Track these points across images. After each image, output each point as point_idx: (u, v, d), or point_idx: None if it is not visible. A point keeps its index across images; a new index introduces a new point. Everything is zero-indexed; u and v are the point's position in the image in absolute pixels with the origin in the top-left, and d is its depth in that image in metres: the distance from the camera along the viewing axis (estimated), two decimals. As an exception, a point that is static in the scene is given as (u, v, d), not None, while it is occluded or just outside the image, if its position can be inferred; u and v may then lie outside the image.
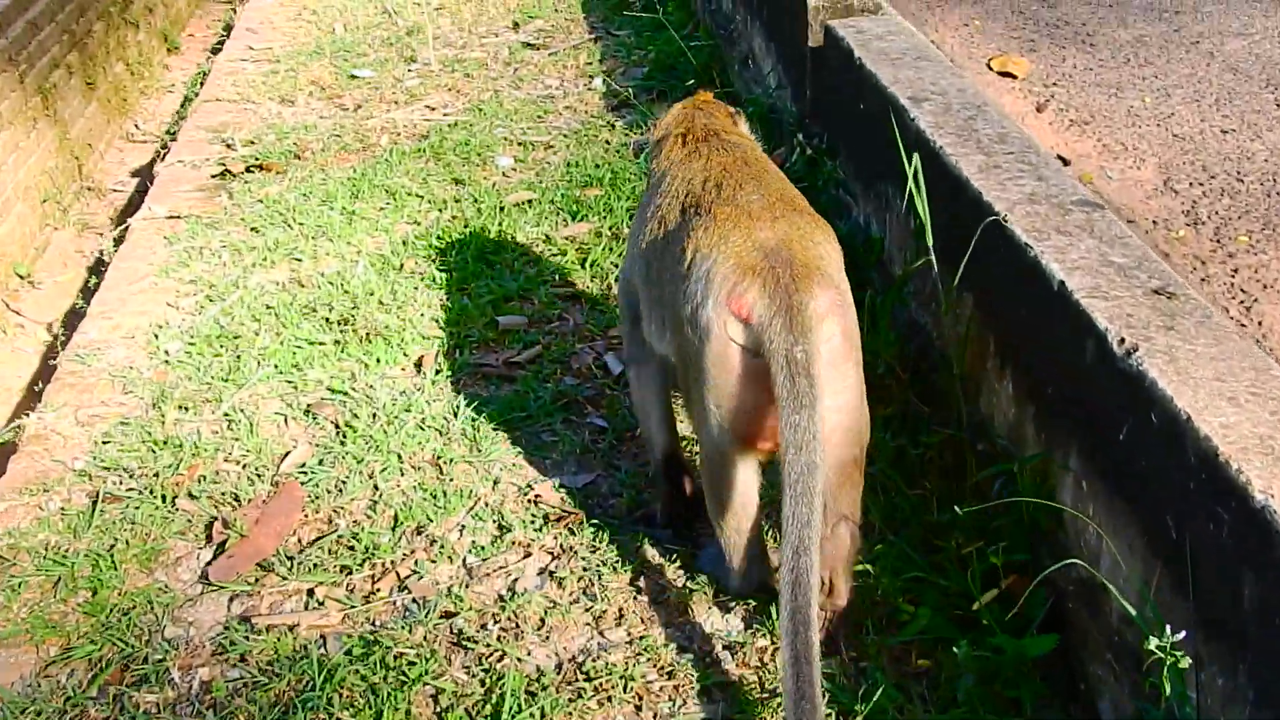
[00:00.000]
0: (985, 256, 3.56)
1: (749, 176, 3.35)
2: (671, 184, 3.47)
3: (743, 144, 3.64)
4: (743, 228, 3.09)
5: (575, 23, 8.65)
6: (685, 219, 3.25)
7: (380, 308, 5.13)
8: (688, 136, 3.68)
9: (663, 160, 3.67)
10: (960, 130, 4.08)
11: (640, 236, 3.51)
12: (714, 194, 3.26)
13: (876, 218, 4.60)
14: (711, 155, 3.51)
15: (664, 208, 3.41)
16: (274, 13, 9.50)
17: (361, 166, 6.50)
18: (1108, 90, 5.70)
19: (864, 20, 5.18)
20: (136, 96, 8.58)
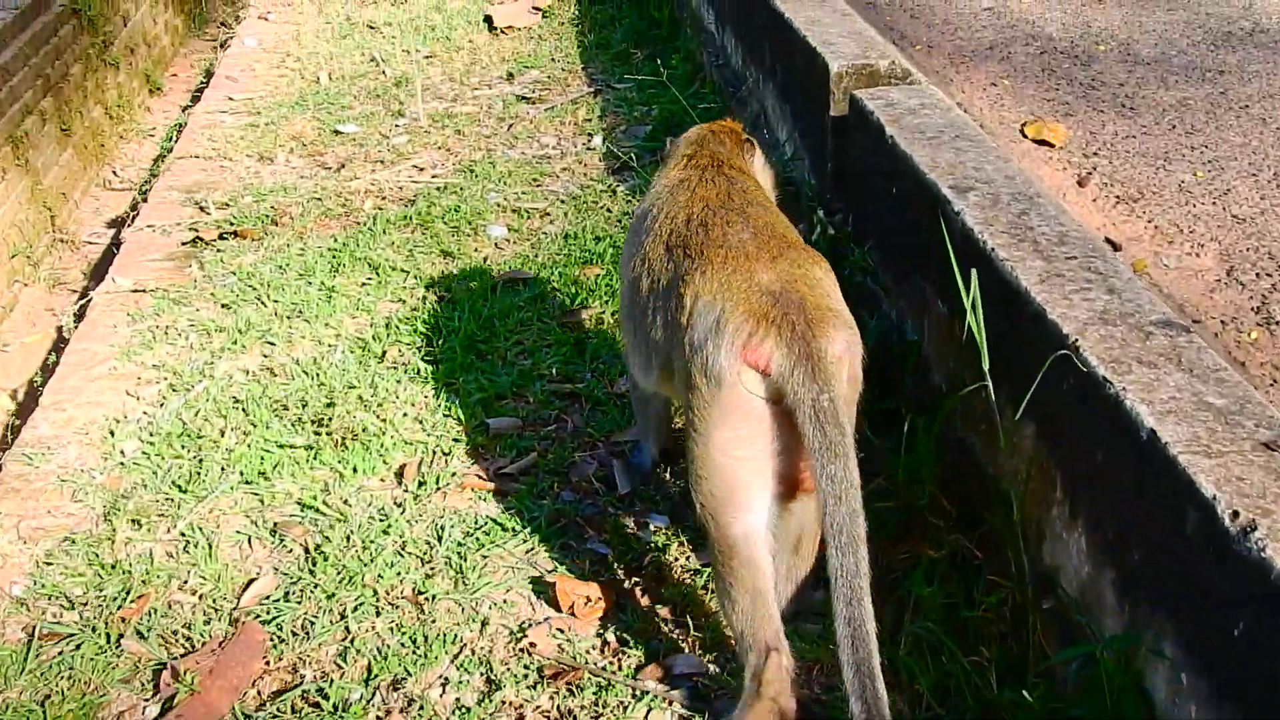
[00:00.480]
0: (1052, 383, 3.06)
1: (735, 211, 3.30)
2: (659, 215, 3.45)
3: (741, 178, 3.58)
4: (743, 271, 3.03)
5: (573, 74, 8.17)
6: (674, 260, 3.23)
7: (359, 404, 4.63)
8: (691, 161, 3.67)
9: (661, 180, 3.71)
10: (1013, 228, 3.59)
11: (629, 265, 3.52)
12: (702, 235, 3.22)
13: (912, 317, 4.11)
14: (701, 187, 3.49)
15: (650, 244, 3.39)
16: (256, 59, 9.02)
17: (343, 235, 6.01)
18: (1154, 162, 5.22)
19: (893, 91, 4.69)
20: (115, 141, 8.10)
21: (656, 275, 3.27)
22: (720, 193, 3.42)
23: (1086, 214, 4.98)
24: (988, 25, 7.10)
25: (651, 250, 3.35)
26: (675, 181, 3.58)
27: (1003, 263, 3.42)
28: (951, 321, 3.76)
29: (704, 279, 3.05)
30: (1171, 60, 6.47)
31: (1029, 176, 3.99)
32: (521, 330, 5.04)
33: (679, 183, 3.55)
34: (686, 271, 3.11)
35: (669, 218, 3.38)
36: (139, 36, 9.04)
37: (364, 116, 7.67)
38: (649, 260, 3.34)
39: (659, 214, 3.45)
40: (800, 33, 5.36)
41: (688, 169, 3.63)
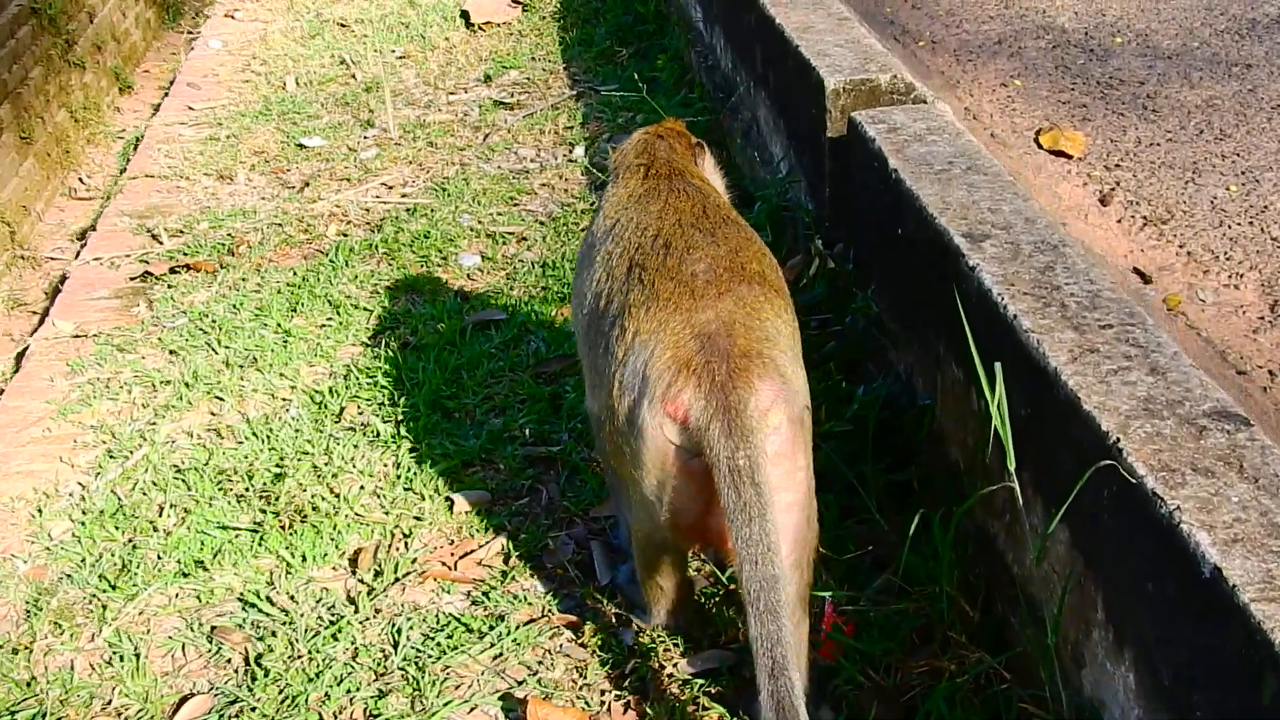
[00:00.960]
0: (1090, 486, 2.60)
1: (702, 233, 3.09)
2: (623, 232, 3.22)
3: (703, 189, 3.36)
4: (683, 310, 2.86)
5: (554, 75, 7.67)
6: (629, 283, 3.02)
7: (312, 474, 4.18)
8: (649, 172, 3.45)
9: (619, 192, 3.44)
10: (1038, 287, 3.13)
11: (583, 278, 3.31)
12: (660, 259, 3.01)
13: (922, 375, 3.65)
14: (668, 201, 3.26)
15: (609, 261, 3.17)
16: (221, 63, 8.53)
17: (303, 268, 5.54)
18: (1182, 174, 4.74)
19: (896, 112, 4.21)
20: (81, 147, 7.59)
21: (614, 295, 3.06)
22: (696, 205, 3.22)
23: (1111, 238, 4.51)
24: (995, 16, 6.61)
25: (616, 265, 3.12)
26: (641, 193, 3.35)
27: (1027, 335, 2.95)
28: (968, 390, 3.30)
29: (646, 315, 2.89)
30: (1194, 53, 5.98)
31: (1051, 220, 3.52)
32: (492, 383, 4.57)
33: (646, 194, 3.33)
34: (634, 302, 2.94)
35: (635, 233, 3.17)
36: (107, 32, 8.53)
37: (331, 128, 7.18)
38: (613, 277, 3.11)
39: (626, 225, 3.23)
40: (792, 42, 4.88)
41: (651, 179, 3.40)
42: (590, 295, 3.20)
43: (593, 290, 3.18)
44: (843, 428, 3.72)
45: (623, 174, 3.52)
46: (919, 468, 3.62)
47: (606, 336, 3.02)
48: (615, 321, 2.98)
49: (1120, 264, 4.37)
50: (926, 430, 3.56)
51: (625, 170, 3.52)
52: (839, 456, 3.70)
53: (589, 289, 3.22)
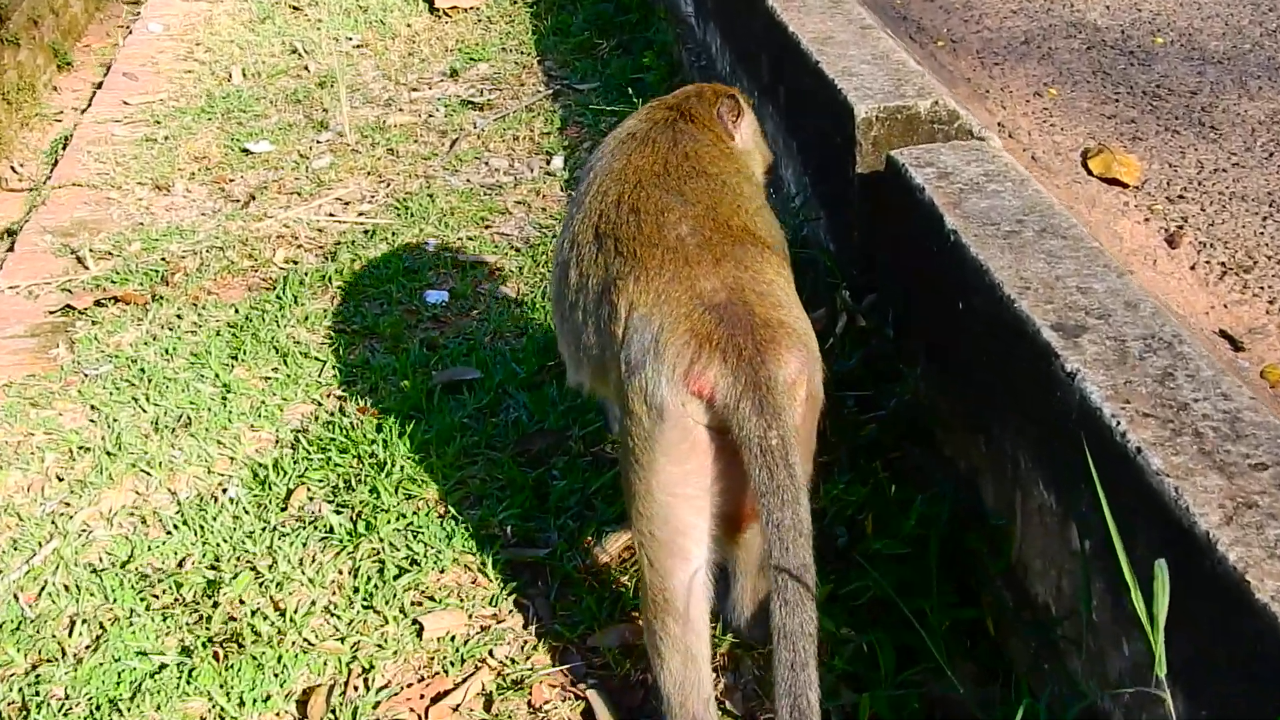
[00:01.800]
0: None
1: (668, 193, 2.87)
2: (592, 186, 3.04)
3: (692, 136, 3.12)
4: (683, 279, 2.66)
5: (528, 69, 6.95)
6: (604, 253, 2.83)
7: (252, 581, 3.52)
8: (645, 113, 3.27)
9: (611, 134, 3.26)
10: (1160, 406, 2.48)
11: (561, 243, 3.12)
12: (633, 225, 2.81)
13: (994, 486, 2.99)
14: (639, 151, 3.04)
15: (579, 225, 2.97)
16: (160, 49, 7.78)
17: (247, 304, 4.84)
18: (1257, 208, 4.09)
19: (945, 151, 3.54)
20: (16, 131, 6.83)
21: (585, 268, 2.88)
22: (658, 159, 2.98)
23: (1187, 291, 3.85)
24: (1018, 10, 5.93)
25: (581, 233, 2.94)
26: (619, 138, 3.15)
27: (1160, 480, 2.29)
28: (1065, 524, 2.64)
29: (639, 287, 2.69)
30: (1246, 57, 5.31)
31: (1158, 305, 2.85)
32: (466, 464, 3.89)
33: (621, 141, 3.12)
34: (619, 274, 2.74)
35: (600, 193, 2.96)
36: (45, 5, 7.75)
37: (280, 129, 6.45)
38: (578, 245, 2.93)
39: (592, 184, 3.03)
40: (811, 56, 4.19)
41: (637, 120, 3.21)
42: (560, 262, 3.04)
43: (562, 257, 3.02)
44: (897, 550, 3.04)
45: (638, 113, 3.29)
46: (993, 604, 2.96)
47: (592, 315, 2.83)
48: (601, 299, 2.79)
49: (1201, 324, 3.72)
50: (1005, 561, 2.90)
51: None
52: (890, 583, 3.03)
53: (560, 256, 3.07)
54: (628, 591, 3.37)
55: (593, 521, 3.61)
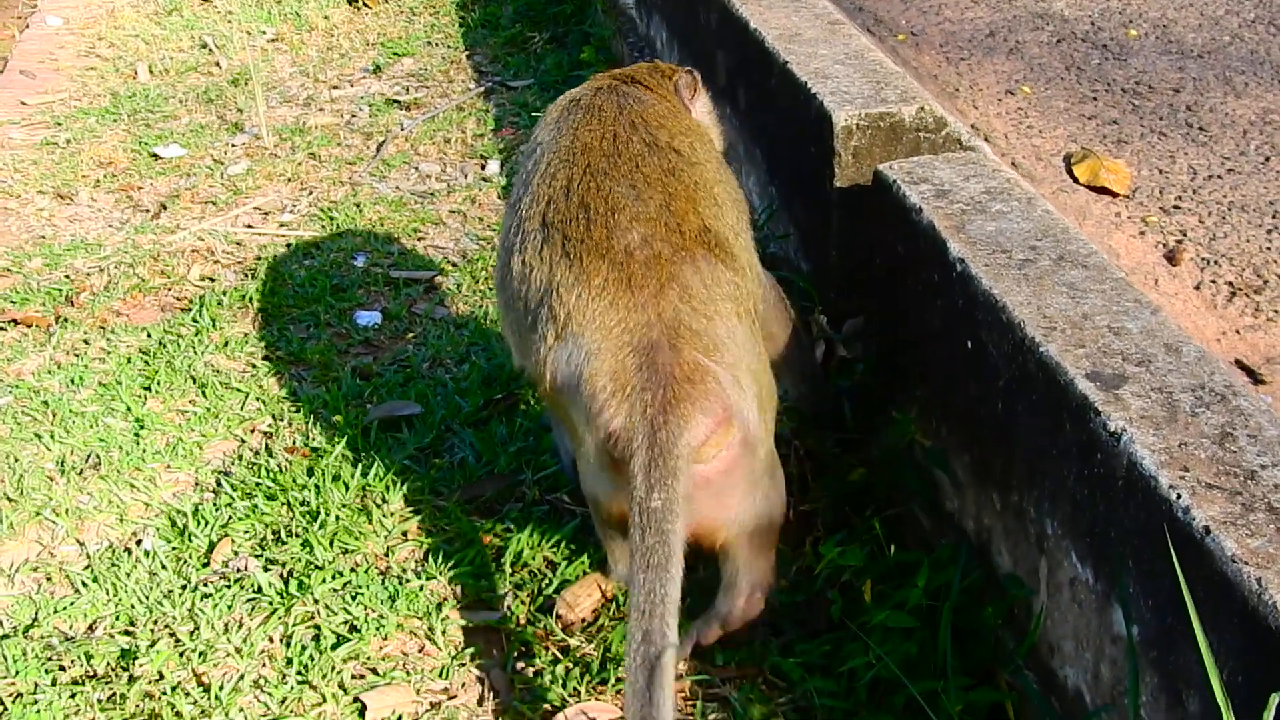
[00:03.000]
0: None
1: (620, 182, 2.73)
2: (539, 164, 2.89)
3: (640, 99, 2.98)
4: (620, 307, 2.56)
5: (456, 65, 6.55)
6: (550, 250, 2.71)
7: (172, 652, 3.14)
8: (591, 83, 3.14)
9: (559, 100, 3.12)
10: (1222, 474, 2.17)
11: (506, 228, 2.95)
12: (583, 224, 2.67)
13: (1012, 550, 2.66)
14: (587, 122, 2.90)
15: (525, 210, 2.83)
16: (60, 44, 7.29)
17: (160, 327, 4.43)
18: (1259, 218, 3.81)
19: (939, 164, 3.20)
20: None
21: (530, 259, 2.75)
22: (607, 133, 2.84)
23: (1194, 314, 3.54)
24: (979, 1, 5.60)
25: (527, 219, 2.80)
26: (562, 106, 3.04)
27: (1237, 570, 1.96)
28: (1105, 604, 2.31)
29: (578, 304, 2.60)
30: (1227, 50, 5.02)
31: (1203, 349, 2.52)
32: (409, 514, 3.51)
33: (565, 109, 3.00)
34: (562, 281, 2.64)
35: (548, 175, 2.81)
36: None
37: (192, 132, 6.01)
38: (524, 233, 2.79)
39: (539, 162, 2.89)
40: (778, 57, 3.83)
41: (583, 88, 3.09)
42: (505, 247, 2.90)
43: (508, 243, 2.88)
44: (904, 623, 2.70)
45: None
46: (1014, 687, 2.62)
47: (533, 313, 2.73)
48: (542, 299, 2.69)
49: (1215, 351, 3.40)
50: (1030, 643, 2.56)
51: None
52: (896, 661, 2.69)
53: (505, 241, 2.92)
54: (595, 660, 3.00)
55: (553, 579, 3.23)
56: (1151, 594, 2.17)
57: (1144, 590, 2.20)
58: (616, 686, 2.94)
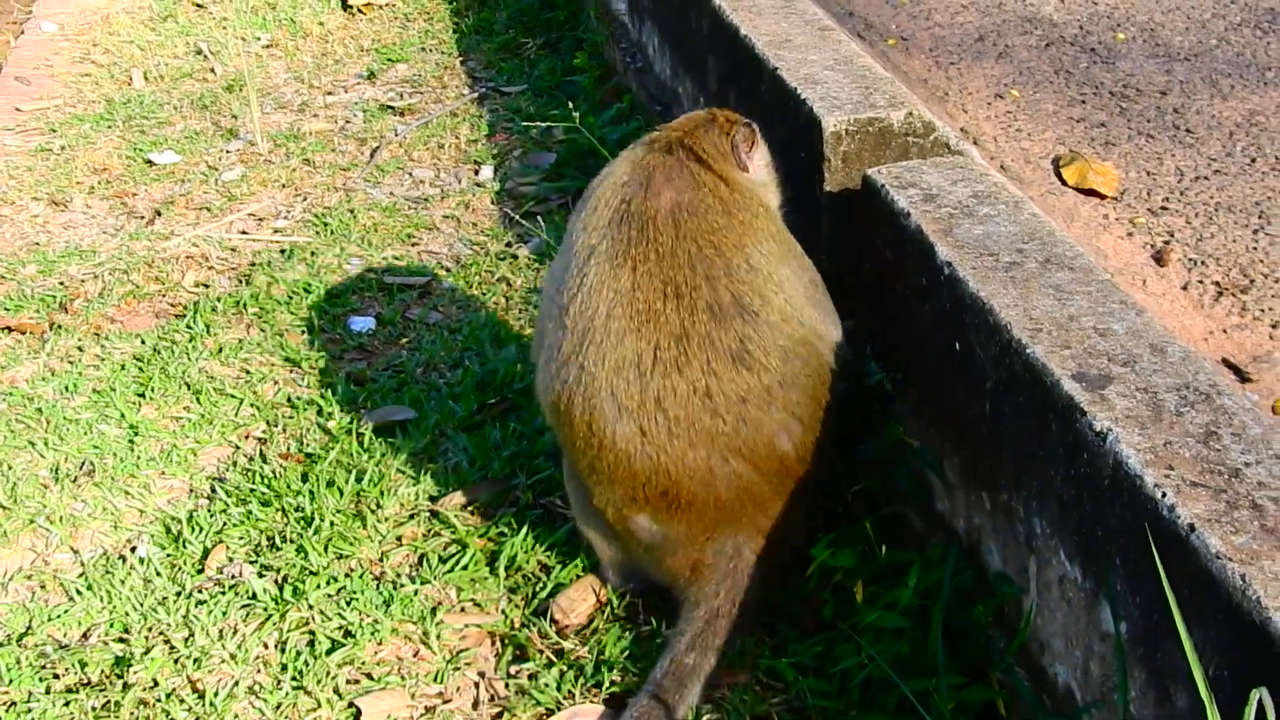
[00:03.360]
0: None
1: (682, 343, 2.72)
2: (580, 287, 2.81)
3: (700, 224, 2.81)
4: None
5: (450, 71, 6.57)
6: (594, 401, 2.77)
7: (167, 658, 3.15)
8: (647, 150, 2.98)
9: (609, 189, 2.91)
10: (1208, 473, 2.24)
11: (552, 295, 2.94)
12: (636, 390, 2.72)
13: (1002, 550, 2.69)
14: (641, 242, 2.79)
15: (566, 323, 2.81)
16: (55, 50, 7.31)
17: (155, 334, 4.44)
18: (1245, 219, 3.83)
19: (926, 169, 3.22)
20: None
21: (575, 393, 2.78)
22: (669, 286, 2.75)
23: (1181, 314, 3.56)
24: (967, 4, 5.64)
25: (570, 354, 2.80)
26: (614, 206, 2.86)
27: (1223, 567, 1.98)
28: (1094, 602, 2.34)
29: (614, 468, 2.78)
30: (1214, 53, 5.05)
31: (1188, 349, 2.54)
32: (403, 519, 3.53)
33: (618, 213, 2.84)
34: (605, 442, 2.77)
35: (610, 331, 2.75)
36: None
37: (186, 138, 6.03)
38: (562, 360, 2.81)
39: (584, 276, 2.80)
40: (768, 63, 3.86)
41: (634, 166, 2.92)
42: (549, 340, 2.89)
43: (553, 333, 2.87)
44: (896, 623, 2.72)
45: (625, 161, 3.00)
46: (1005, 685, 2.64)
47: (570, 434, 2.85)
48: (585, 444, 2.82)
49: (1201, 352, 3.42)
50: (1020, 641, 2.58)
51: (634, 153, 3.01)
52: (888, 660, 2.71)
53: (552, 320, 2.90)
54: (590, 664, 3.02)
55: (547, 582, 3.25)
56: (1139, 591, 2.19)
57: (1131, 588, 2.22)
58: (610, 689, 2.95)
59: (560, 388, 2.82)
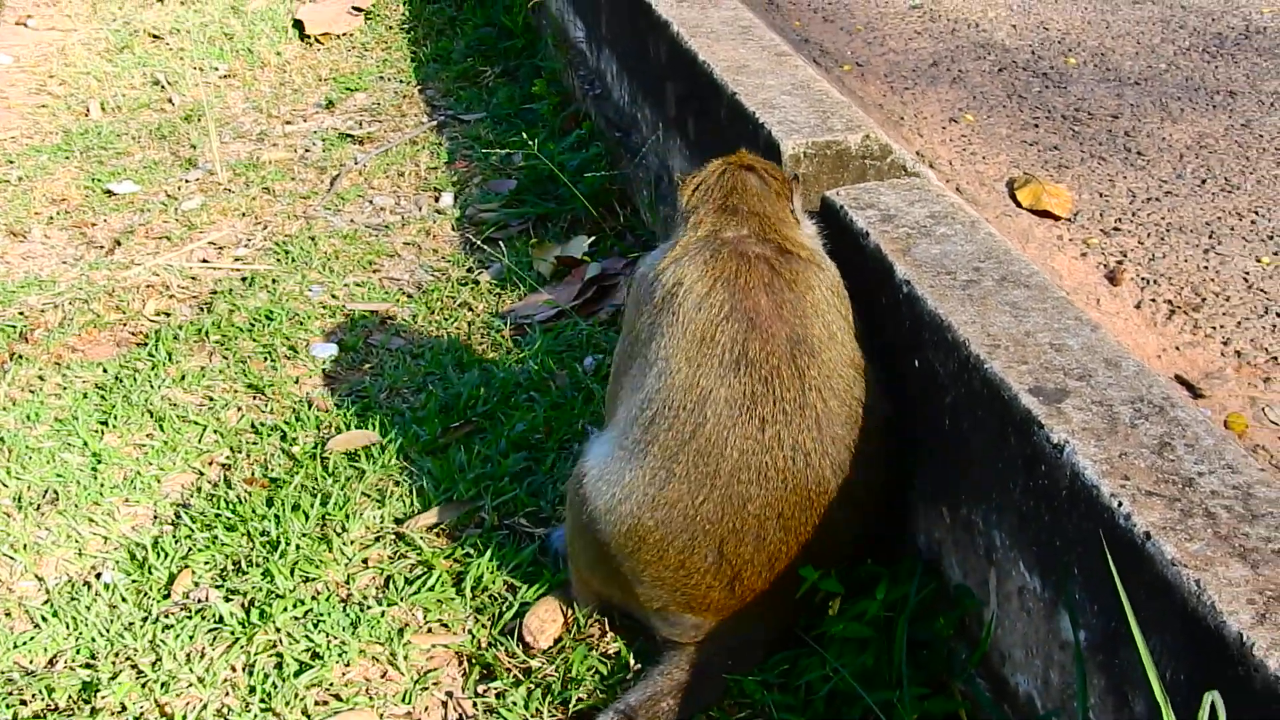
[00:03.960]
0: None
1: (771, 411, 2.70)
2: (672, 380, 2.76)
3: (788, 294, 2.79)
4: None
5: (409, 100, 6.61)
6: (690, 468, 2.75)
7: (134, 683, 3.15)
8: (716, 252, 2.84)
9: (676, 275, 2.84)
10: (1163, 483, 2.26)
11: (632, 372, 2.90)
12: (734, 458, 2.71)
13: (963, 563, 2.73)
14: (735, 349, 2.73)
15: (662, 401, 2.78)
16: (10, 82, 7.31)
17: (117, 363, 4.45)
18: (1196, 239, 3.89)
19: (884, 190, 3.28)
20: None
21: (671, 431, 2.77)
22: (794, 435, 2.73)
23: (1135, 332, 3.63)
24: (921, 30, 5.71)
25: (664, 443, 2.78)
26: (699, 293, 2.79)
27: (1176, 571, 2.04)
28: (1053, 611, 2.38)
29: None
30: (1163, 77, 5.13)
31: (1141, 363, 2.59)
32: (369, 542, 3.54)
33: (711, 313, 2.77)
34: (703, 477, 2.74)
35: (691, 391, 2.74)
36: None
37: (145, 168, 6.04)
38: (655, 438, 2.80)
39: (704, 423, 2.73)
40: (726, 88, 3.91)
41: (718, 268, 2.81)
42: (638, 466, 2.83)
43: (642, 460, 2.82)
44: (861, 633, 2.76)
45: (687, 235, 2.93)
46: (967, 695, 2.68)
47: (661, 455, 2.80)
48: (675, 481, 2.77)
49: (1155, 368, 3.48)
50: (982, 652, 2.62)
51: (685, 229, 2.96)
52: (852, 672, 2.75)
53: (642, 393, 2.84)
54: (557, 682, 3.04)
55: (514, 602, 3.28)
56: (1097, 599, 2.24)
57: (1089, 596, 2.27)
58: (577, 708, 2.98)
59: (654, 523, 2.79)
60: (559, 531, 3.36)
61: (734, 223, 2.91)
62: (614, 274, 4.63)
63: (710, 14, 4.56)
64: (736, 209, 2.93)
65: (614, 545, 2.86)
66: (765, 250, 2.85)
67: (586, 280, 4.61)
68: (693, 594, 2.81)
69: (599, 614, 3.19)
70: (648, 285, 2.89)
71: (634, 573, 2.87)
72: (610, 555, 2.89)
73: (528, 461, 3.75)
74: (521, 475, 3.69)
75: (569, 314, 4.50)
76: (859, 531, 2.84)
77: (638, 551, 2.83)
